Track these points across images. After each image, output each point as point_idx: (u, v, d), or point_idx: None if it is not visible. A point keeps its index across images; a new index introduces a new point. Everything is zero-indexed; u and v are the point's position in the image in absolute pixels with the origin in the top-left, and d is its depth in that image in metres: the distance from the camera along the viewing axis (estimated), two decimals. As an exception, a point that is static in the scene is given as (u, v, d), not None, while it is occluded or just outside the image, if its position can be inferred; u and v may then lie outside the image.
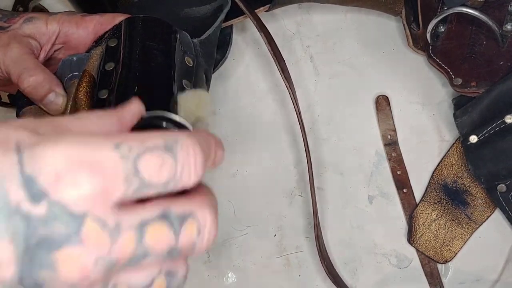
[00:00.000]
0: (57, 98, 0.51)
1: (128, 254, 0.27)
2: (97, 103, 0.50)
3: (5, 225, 0.25)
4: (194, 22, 0.62)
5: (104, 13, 0.57)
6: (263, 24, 0.61)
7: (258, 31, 0.61)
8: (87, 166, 0.26)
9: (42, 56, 0.56)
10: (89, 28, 0.56)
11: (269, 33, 0.61)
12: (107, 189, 0.26)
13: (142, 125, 0.34)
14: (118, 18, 0.56)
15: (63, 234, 0.25)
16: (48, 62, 0.57)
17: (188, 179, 0.29)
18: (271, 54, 0.60)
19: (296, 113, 0.60)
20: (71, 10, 0.59)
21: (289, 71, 0.67)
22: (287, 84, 0.60)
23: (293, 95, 0.60)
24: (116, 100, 0.49)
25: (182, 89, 0.53)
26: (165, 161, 0.28)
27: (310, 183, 0.59)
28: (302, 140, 0.60)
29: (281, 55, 0.61)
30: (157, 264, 0.29)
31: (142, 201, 0.28)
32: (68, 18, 0.56)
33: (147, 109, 0.47)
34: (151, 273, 0.29)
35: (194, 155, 0.29)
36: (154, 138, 0.28)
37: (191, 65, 0.55)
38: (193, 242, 0.29)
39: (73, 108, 0.52)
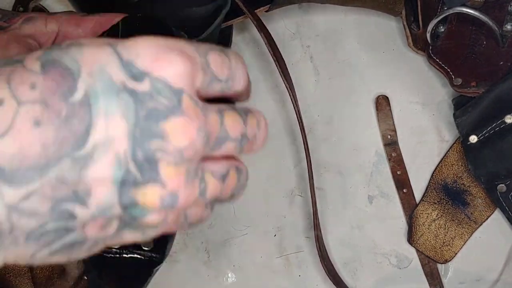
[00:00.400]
0: None
1: (216, 131, 0.30)
2: None
3: (115, 102, 0.27)
4: (194, 22, 0.62)
5: (104, 13, 0.57)
6: (263, 24, 0.61)
7: (258, 31, 0.61)
8: (177, 51, 0.29)
9: None
10: (88, 28, 0.56)
11: (269, 33, 0.61)
12: (193, 72, 0.29)
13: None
14: (118, 18, 0.55)
15: (168, 106, 0.27)
16: None
17: (239, 81, 0.32)
18: (271, 54, 0.60)
19: (296, 113, 0.60)
20: (71, 10, 0.59)
21: (289, 71, 0.67)
22: (287, 85, 0.60)
23: (293, 95, 0.60)
24: None
25: None
26: (224, 60, 0.31)
27: (310, 183, 0.59)
28: (302, 140, 0.60)
29: (281, 55, 0.62)
30: (229, 159, 0.32)
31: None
32: (68, 18, 0.56)
33: None
34: (227, 164, 0.32)
35: (241, 61, 0.32)
36: (205, 44, 0.31)
37: None
38: (255, 133, 0.33)
39: None
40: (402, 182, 0.63)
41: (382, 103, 0.65)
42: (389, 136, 0.65)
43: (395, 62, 0.67)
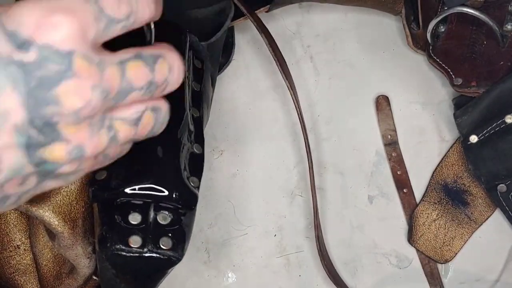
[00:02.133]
0: None
1: (117, 85, 0.30)
2: None
3: (3, 75, 0.27)
4: (197, 24, 0.62)
5: None
6: (264, 25, 0.61)
7: (259, 32, 0.61)
8: (61, 11, 0.28)
9: None
10: None
11: (270, 34, 0.61)
12: (83, 27, 0.29)
13: None
14: None
15: (58, 72, 0.28)
16: None
17: (144, 10, 0.32)
18: (272, 55, 0.60)
19: (298, 113, 0.60)
20: None
21: (289, 71, 0.67)
22: (288, 85, 0.60)
23: (294, 95, 0.60)
24: None
25: (193, 91, 0.53)
26: None
27: (310, 183, 0.59)
28: (304, 139, 0.60)
29: (282, 55, 0.61)
30: (143, 101, 0.33)
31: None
32: None
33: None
34: (139, 108, 0.33)
35: None
36: None
37: (200, 68, 0.55)
38: (166, 77, 0.33)
39: None
40: (402, 182, 0.63)
41: (382, 103, 0.65)
42: (389, 136, 0.65)
43: (395, 62, 0.67)
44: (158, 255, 0.45)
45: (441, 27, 0.62)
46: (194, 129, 0.51)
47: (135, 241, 0.45)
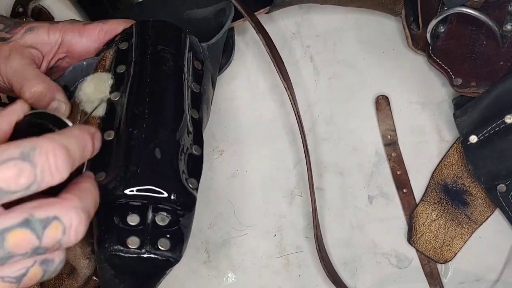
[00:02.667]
0: (59, 105, 0.51)
1: None
2: (109, 106, 0.51)
3: None
4: (196, 24, 0.62)
5: (107, 20, 0.56)
6: (262, 25, 0.62)
7: (256, 32, 0.61)
8: None
9: (44, 65, 0.56)
10: (92, 36, 0.56)
11: (268, 34, 0.61)
12: None
13: (28, 122, 0.40)
14: (122, 25, 0.56)
15: None
16: (51, 71, 0.57)
17: (51, 179, 0.32)
18: (269, 55, 0.60)
19: (295, 113, 0.60)
20: (73, 19, 0.58)
21: (289, 71, 0.67)
22: (285, 85, 0.60)
23: (291, 95, 0.60)
24: (128, 102, 0.49)
25: (192, 93, 0.53)
26: (22, 168, 0.31)
27: (309, 183, 0.59)
28: (301, 139, 0.60)
29: (280, 55, 0.61)
30: (28, 259, 0.33)
31: (9, 205, 0.32)
32: (71, 26, 0.56)
33: (158, 111, 0.48)
34: (24, 265, 0.33)
35: (54, 157, 0.32)
36: (9, 149, 0.32)
37: (199, 69, 0.55)
38: (58, 240, 0.33)
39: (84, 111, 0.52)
40: (402, 182, 0.63)
41: (382, 103, 0.65)
42: (389, 136, 0.65)
43: (395, 62, 0.67)
44: (156, 256, 0.45)
45: (441, 27, 0.62)
46: (193, 130, 0.51)
47: (133, 242, 0.45)
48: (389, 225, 0.62)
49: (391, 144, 0.64)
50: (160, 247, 0.45)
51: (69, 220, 0.33)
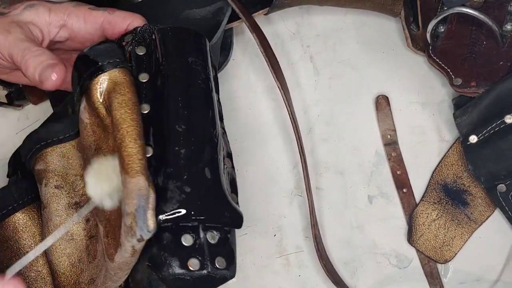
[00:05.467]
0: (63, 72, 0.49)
1: None
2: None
3: None
4: (194, 24, 0.62)
5: (114, 10, 0.54)
6: (258, 26, 0.62)
7: (251, 32, 0.61)
8: None
9: (44, 44, 0.54)
10: (97, 24, 0.54)
11: (264, 35, 0.62)
12: None
13: None
14: (128, 20, 0.54)
15: None
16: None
17: None
18: (263, 55, 0.61)
19: (289, 113, 0.60)
20: (77, 1, 0.55)
21: (289, 71, 0.67)
22: (279, 85, 0.60)
23: (285, 96, 0.60)
24: (168, 118, 0.47)
25: (218, 103, 0.53)
26: None
27: (305, 182, 0.60)
28: (296, 140, 0.61)
29: (275, 57, 0.62)
30: None
31: None
32: (76, 10, 0.54)
33: (200, 128, 0.47)
34: None
35: None
36: None
37: (215, 75, 0.54)
38: None
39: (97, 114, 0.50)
40: (402, 182, 0.63)
41: (382, 103, 0.65)
42: (389, 136, 0.65)
43: (395, 62, 0.67)
44: (215, 275, 0.45)
45: (441, 27, 0.63)
46: (223, 143, 0.51)
47: (194, 264, 0.44)
48: (389, 225, 0.62)
49: (391, 144, 0.64)
50: (218, 266, 0.45)
51: None
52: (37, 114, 0.70)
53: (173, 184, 0.45)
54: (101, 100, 0.48)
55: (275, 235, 0.63)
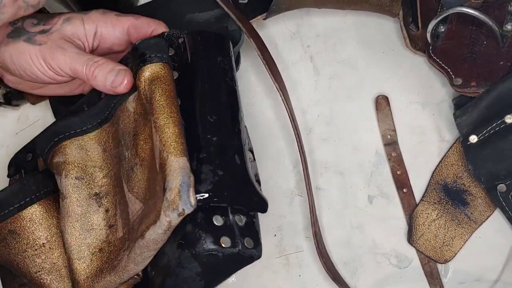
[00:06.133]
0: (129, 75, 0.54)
1: None
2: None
3: None
4: (198, 27, 0.63)
5: (139, 16, 0.58)
6: (253, 29, 0.62)
7: (248, 37, 0.61)
8: None
9: None
10: (124, 29, 0.57)
11: (262, 41, 0.62)
12: None
13: None
14: (152, 25, 0.57)
15: None
16: None
17: None
18: (260, 58, 0.61)
19: (288, 114, 0.61)
20: (104, 9, 0.59)
21: (289, 71, 0.67)
22: (277, 86, 0.60)
23: (284, 97, 0.61)
24: (200, 110, 0.51)
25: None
26: None
27: (305, 181, 0.60)
28: (296, 140, 0.61)
29: (272, 58, 0.62)
30: None
31: None
32: (104, 18, 0.57)
33: (229, 119, 0.53)
34: None
35: None
36: None
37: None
38: None
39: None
40: (402, 182, 0.63)
41: (382, 103, 0.65)
42: (389, 136, 0.65)
43: (395, 62, 0.67)
44: (244, 254, 0.49)
45: (441, 27, 0.63)
46: (247, 137, 0.55)
47: (226, 241, 0.48)
48: (389, 225, 0.62)
49: (391, 144, 0.64)
50: (247, 245, 0.49)
51: None
52: (37, 114, 0.70)
53: (207, 168, 0.48)
54: (145, 88, 0.51)
55: (275, 235, 0.63)
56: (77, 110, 0.58)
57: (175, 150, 0.47)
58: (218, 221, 0.49)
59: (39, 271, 0.55)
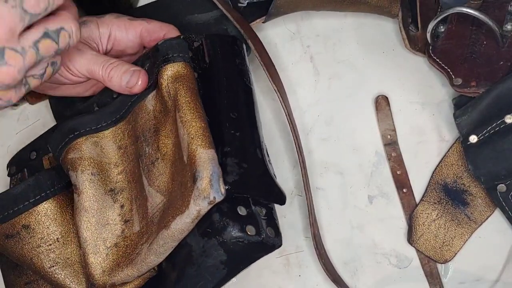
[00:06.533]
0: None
1: (34, 61, 0.45)
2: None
3: None
4: (197, 29, 0.63)
5: (151, 20, 0.59)
6: (252, 30, 0.63)
7: (246, 39, 0.62)
8: None
9: None
10: (137, 33, 0.59)
11: (260, 42, 0.63)
12: (11, 29, 0.42)
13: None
14: (164, 29, 0.59)
15: None
16: None
17: (58, 2, 0.45)
18: (258, 59, 0.61)
19: (286, 115, 0.61)
20: (117, 13, 0.61)
21: (289, 71, 0.67)
22: (275, 88, 0.61)
23: (282, 97, 0.61)
24: (223, 107, 0.54)
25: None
26: None
27: (303, 181, 0.60)
28: (294, 141, 0.61)
29: (270, 58, 0.62)
30: (45, 62, 0.47)
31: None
32: (118, 21, 0.59)
33: (249, 116, 0.55)
34: (43, 66, 0.47)
35: None
36: None
37: None
38: (68, 43, 0.47)
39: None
40: (402, 182, 0.63)
41: (382, 103, 0.65)
42: (389, 136, 0.65)
43: (395, 62, 0.67)
44: (268, 242, 0.51)
45: (441, 27, 0.62)
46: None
47: (251, 230, 0.50)
48: (389, 225, 0.62)
49: (391, 144, 0.64)
50: (269, 234, 0.51)
51: (70, 28, 0.47)
52: (37, 114, 0.70)
53: (232, 160, 0.51)
54: (168, 86, 0.53)
55: (275, 235, 0.63)
56: (86, 109, 0.60)
57: (203, 143, 0.49)
58: (242, 211, 0.51)
59: (53, 266, 0.56)
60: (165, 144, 0.54)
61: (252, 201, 0.52)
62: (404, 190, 0.63)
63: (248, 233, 0.50)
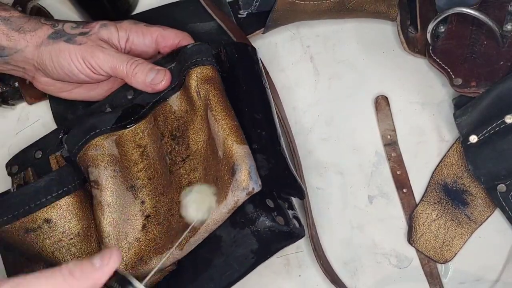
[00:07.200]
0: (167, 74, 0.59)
1: None
2: None
3: None
4: (199, 37, 0.63)
5: (166, 27, 0.62)
6: (243, 35, 0.65)
7: (232, 38, 0.63)
8: None
9: None
10: (152, 39, 0.61)
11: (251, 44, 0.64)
12: None
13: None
14: (179, 36, 0.61)
15: None
16: None
17: None
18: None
19: (280, 119, 0.62)
20: (134, 20, 0.63)
21: (289, 71, 0.67)
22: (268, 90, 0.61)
23: (274, 100, 0.61)
24: (248, 108, 0.56)
25: None
26: None
27: (301, 181, 0.60)
28: (288, 142, 0.62)
29: (267, 72, 0.65)
30: None
31: None
32: (135, 27, 0.61)
33: (271, 117, 0.58)
34: None
35: None
36: None
37: None
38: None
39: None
40: (402, 182, 0.63)
41: (382, 103, 0.65)
42: (389, 136, 0.65)
43: (395, 62, 0.67)
44: (295, 232, 0.54)
45: (441, 27, 0.63)
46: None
47: (280, 220, 0.53)
48: (389, 225, 0.62)
49: (391, 144, 0.64)
50: (296, 224, 0.54)
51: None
52: (37, 114, 0.70)
53: (261, 157, 0.54)
54: (198, 87, 0.56)
55: (275, 235, 0.63)
56: (97, 110, 0.61)
57: (238, 139, 0.52)
58: (270, 203, 0.54)
59: (56, 251, 0.57)
60: (195, 142, 0.56)
61: (277, 195, 0.55)
62: (404, 190, 0.63)
63: (278, 222, 0.53)
